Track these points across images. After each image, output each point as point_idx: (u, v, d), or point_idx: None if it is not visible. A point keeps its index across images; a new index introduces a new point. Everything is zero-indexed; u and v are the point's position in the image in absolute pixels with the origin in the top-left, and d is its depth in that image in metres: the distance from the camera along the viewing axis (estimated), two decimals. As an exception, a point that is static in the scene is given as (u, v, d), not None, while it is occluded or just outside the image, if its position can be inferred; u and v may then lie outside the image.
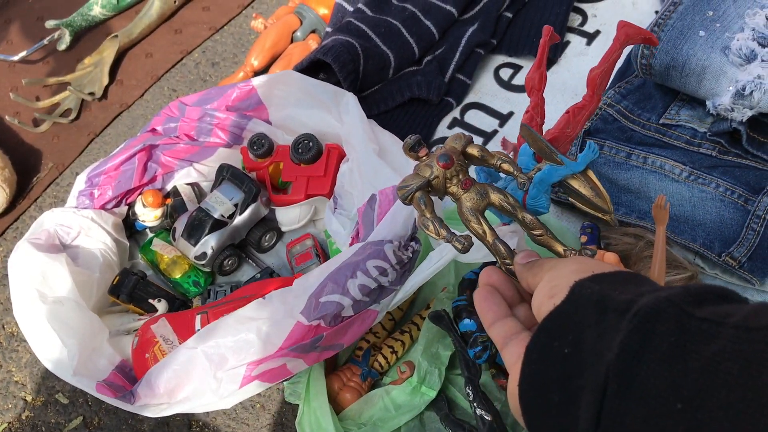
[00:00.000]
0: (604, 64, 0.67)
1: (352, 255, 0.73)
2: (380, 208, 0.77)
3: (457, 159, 0.59)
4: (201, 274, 0.90)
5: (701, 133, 0.82)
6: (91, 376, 0.73)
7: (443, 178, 0.58)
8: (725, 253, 0.74)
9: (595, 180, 0.59)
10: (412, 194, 0.58)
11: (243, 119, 0.93)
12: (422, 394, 0.75)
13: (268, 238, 0.92)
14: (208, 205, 0.87)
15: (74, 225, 0.87)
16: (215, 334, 0.69)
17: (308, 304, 0.69)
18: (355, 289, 0.71)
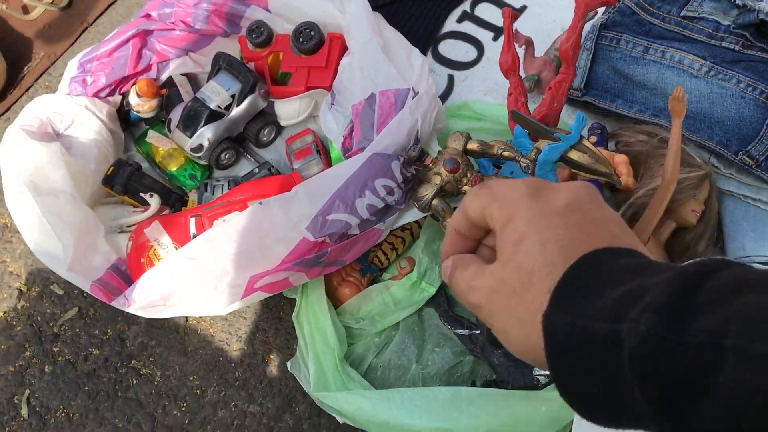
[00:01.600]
0: (572, 35, 0.72)
1: (359, 170, 0.69)
2: (381, 110, 0.74)
3: (462, 160, 0.67)
4: (197, 168, 0.87)
5: (725, 26, 0.77)
6: (86, 273, 0.71)
7: (454, 182, 0.66)
8: (742, 151, 0.71)
9: (591, 147, 0.63)
10: (429, 203, 0.67)
11: (241, 5, 0.88)
12: (422, 290, 0.74)
13: (267, 132, 0.89)
14: (204, 96, 0.84)
15: (67, 112, 0.83)
16: (216, 245, 0.66)
17: (314, 221, 0.67)
18: (363, 208, 0.69)
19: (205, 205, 0.77)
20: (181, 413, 0.78)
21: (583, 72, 0.81)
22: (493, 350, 0.65)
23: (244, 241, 0.68)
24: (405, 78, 0.76)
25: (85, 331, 0.82)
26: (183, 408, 0.78)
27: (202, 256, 0.68)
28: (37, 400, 0.79)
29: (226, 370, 0.79)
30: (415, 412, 0.58)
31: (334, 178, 0.69)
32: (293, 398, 0.78)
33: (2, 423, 0.78)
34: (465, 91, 0.90)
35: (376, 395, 0.60)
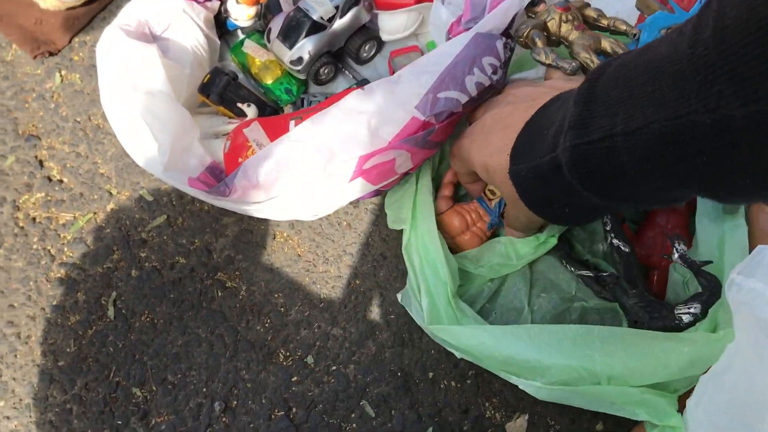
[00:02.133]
0: None
1: (466, 47, 0.66)
2: None
3: (574, 8, 0.68)
4: (294, 81, 0.84)
5: None
6: (182, 171, 0.70)
7: (559, 20, 0.67)
8: None
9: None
10: (528, 30, 0.68)
11: None
12: (546, 243, 0.69)
13: (368, 48, 0.84)
14: (308, 5, 0.80)
15: (165, 15, 0.80)
16: (323, 127, 0.64)
17: (425, 99, 0.64)
18: (471, 85, 0.67)
19: (306, 108, 0.74)
20: (264, 329, 0.77)
21: None
22: (627, 290, 0.61)
23: (352, 122, 0.64)
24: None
25: (173, 239, 0.81)
26: (266, 324, 0.77)
27: (310, 138, 0.64)
28: (123, 303, 0.79)
29: (311, 291, 0.78)
30: (544, 348, 0.54)
31: (442, 57, 0.66)
32: (377, 326, 0.76)
33: (90, 322, 0.78)
34: None
35: (499, 330, 0.57)
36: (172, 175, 0.68)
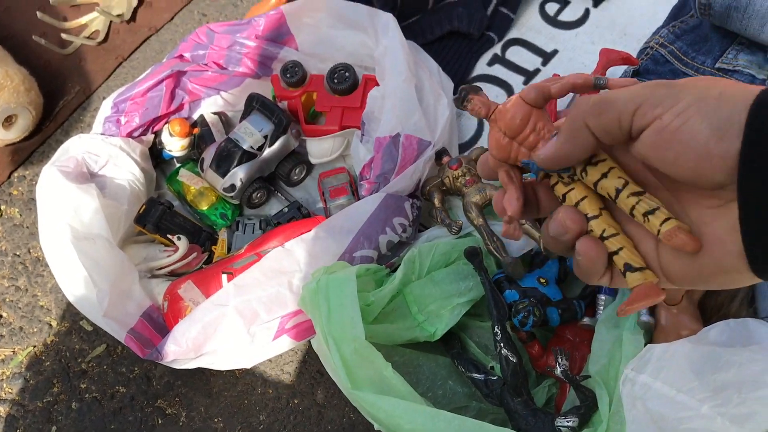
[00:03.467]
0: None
1: (378, 208, 0.74)
2: (404, 153, 0.78)
3: (467, 163, 0.77)
4: (228, 206, 0.88)
5: (759, 80, 0.77)
6: (120, 320, 0.72)
7: (452, 178, 0.77)
8: None
9: None
10: (429, 188, 0.78)
11: (274, 47, 0.89)
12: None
13: (298, 171, 0.89)
14: (238, 136, 0.85)
15: (102, 153, 0.84)
16: (245, 289, 0.68)
17: (342, 259, 0.71)
18: (384, 244, 0.74)
19: (235, 257, 0.77)
20: (206, 455, 0.78)
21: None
22: (512, 397, 0.65)
23: (273, 284, 0.70)
24: (430, 129, 0.79)
25: (113, 368, 0.83)
26: (207, 450, 0.78)
27: (233, 301, 0.69)
28: (63, 437, 0.79)
29: (250, 414, 0.79)
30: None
31: (356, 217, 0.73)
32: (317, 443, 0.78)
33: (29, 460, 0.78)
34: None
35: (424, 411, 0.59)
36: (110, 324, 0.71)
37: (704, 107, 0.30)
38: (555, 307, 0.69)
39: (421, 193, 0.81)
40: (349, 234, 0.73)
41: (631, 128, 0.32)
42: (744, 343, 0.63)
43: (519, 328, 0.68)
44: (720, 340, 0.64)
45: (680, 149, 0.30)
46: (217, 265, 0.78)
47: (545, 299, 0.70)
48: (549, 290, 0.71)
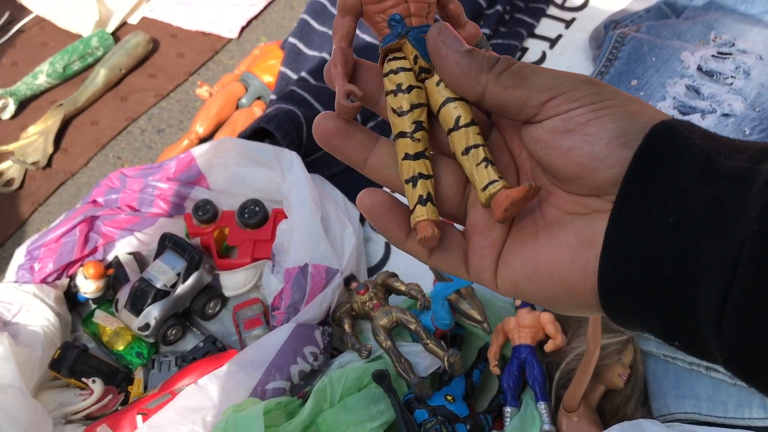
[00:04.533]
0: None
1: (288, 339, 0.77)
2: (312, 283, 0.81)
3: (374, 288, 0.82)
4: (144, 345, 0.89)
5: None
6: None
7: (360, 303, 0.81)
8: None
9: (473, 296, 0.78)
10: (339, 314, 0.82)
11: (186, 188, 0.93)
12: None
13: (213, 305, 0.92)
14: (151, 276, 0.87)
15: (15, 301, 0.85)
16: (159, 429, 0.70)
17: (255, 392, 0.73)
18: (296, 374, 0.77)
19: (150, 397, 0.78)
20: None
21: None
22: None
23: (187, 422, 0.71)
24: (337, 257, 0.84)
25: None
26: None
27: None
28: None
29: None
30: None
31: (267, 349, 0.76)
32: None
33: None
34: (401, 258, 0.95)
35: None
36: (22, 477, 0.70)
37: (621, 111, 0.30)
38: (462, 423, 0.73)
39: (332, 319, 0.84)
40: (261, 366, 0.75)
41: (536, 114, 0.31)
42: (639, 443, 0.68)
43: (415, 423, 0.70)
44: (618, 443, 0.68)
45: (580, 141, 0.30)
46: (132, 406, 0.79)
47: (453, 416, 0.73)
48: (456, 407, 0.74)
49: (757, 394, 0.73)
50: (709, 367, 0.75)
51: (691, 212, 0.27)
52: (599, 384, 0.75)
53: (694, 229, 0.27)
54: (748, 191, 0.26)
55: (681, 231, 0.27)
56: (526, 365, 0.76)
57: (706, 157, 0.28)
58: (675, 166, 0.28)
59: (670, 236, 0.27)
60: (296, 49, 1.13)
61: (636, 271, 0.28)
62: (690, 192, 0.27)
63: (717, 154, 0.28)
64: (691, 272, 0.27)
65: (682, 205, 0.27)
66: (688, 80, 0.83)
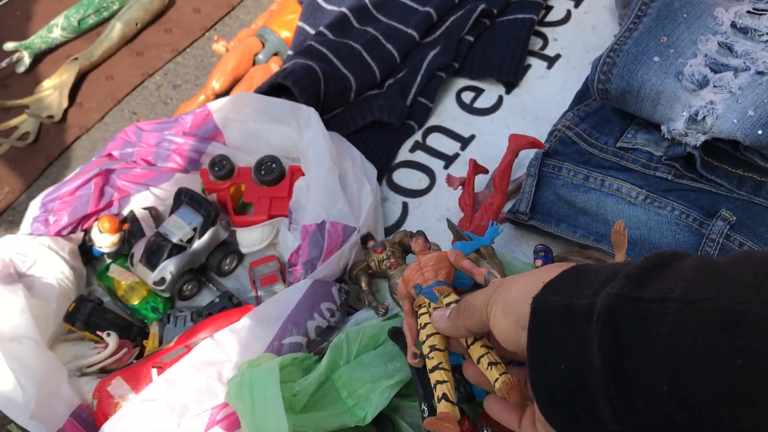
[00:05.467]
0: (501, 166, 0.86)
1: (305, 294, 0.76)
2: (330, 240, 0.80)
3: (391, 246, 0.82)
4: (159, 300, 0.88)
5: (657, 156, 0.83)
6: (48, 421, 0.71)
7: (378, 262, 0.81)
8: (681, 275, 0.74)
9: (494, 256, 0.77)
10: (355, 272, 0.82)
11: (202, 143, 0.92)
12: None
13: (229, 261, 0.91)
14: (167, 230, 0.86)
15: (30, 253, 0.85)
16: (174, 383, 0.68)
17: (271, 346, 0.72)
18: (312, 329, 0.76)
19: (165, 351, 0.77)
20: None
21: (529, 197, 0.85)
22: None
23: (203, 376, 0.70)
24: (354, 215, 0.82)
25: (42, 473, 0.80)
26: None
27: (162, 395, 0.69)
28: None
29: None
30: None
31: (283, 304, 0.75)
32: None
33: None
34: (419, 217, 0.94)
35: None
36: (37, 427, 0.69)
37: (506, 308, 0.44)
38: (479, 383, 0.71)
39: (348, 277, 0.83)
40: (278, 321, 0.74)
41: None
42: None
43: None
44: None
45: (504, 338, 0.45)
46: (146, 360, 0.78)
47: (470, 376, 0.71)
48: (474, 366, 0.73)
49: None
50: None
51: (570, 356, 0.38)
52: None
53: (577, 369, 0.38)
54: (590, 326, 0.37)
55: (569, 373, 0.38)
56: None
57: (566, 308, 0.39)
58: (552, 327, 0.40)
59: (565, 380, 0.39)
60: (315, 4, 1.10)
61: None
62: (567, 341, 0.38)
63: (573, 298, 0.39)
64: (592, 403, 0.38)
65: (565, 354, 0.38)
66: (721, 37, 0.80)
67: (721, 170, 0.79)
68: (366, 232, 0.84)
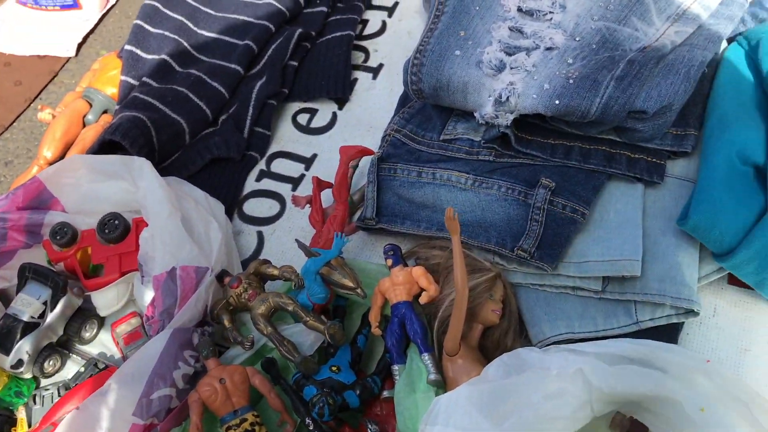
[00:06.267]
0: (337, 178, 0.89)
1: (167, 345, 0.76)
2: (183, 285, 0.80)
3: (246, 279, 0.82)
4: (22, 383, 0.85)
5: (477, 142, 0.88)
6: None
7: (236, 296, 0.81)
8: (516, 246, 0.79)
9: (343, 265, 0.79)
10: (216, 311, 0.81)
11: (39, 214, 0.90)
12: None
13: (89, 327, 0.89)
14: (15, 310, 0.83)
15: None
16: None
17: (140, 404, 0.71)
18: (180, 379, 0.76)
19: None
20: None
21: (372, 203, 0.88)
22: None
23: None
24: (205, 256, 0.83)
25: None
26: None
27: None
28: None
29: None
30: None
31: (146, 359, 0.75)
32: None
33: None
34: (275, 243, 0.95)
35: None
36: None
37: None
38: (351, 390, 0.73)
39: (211, 318, 0.83)
40: (143, 378, 0.73)
41: None
42: (519, 371, 0.70)
43: (319, 419, 0.71)
44: (498, 375, 0.70)
45: None
46: (14, 446, 0.76)
47: (340, 385, 0.73)
48: (343, 376, 0.75)
49: (620, 304, 0.77)
50: (575, 287, 0.78)
51: None
52: (476, 323, 0.77)
53: None
54: None
55: None
56: (406, 321, 0.77)
57: None
58: None
59: None
60: (134, 56, 1.10)
61: None
62: None
63: None
64: None
65: None
66: (511, 22, 0.86)
67: (534, 143, 0.85)
68: (221, 270, 0.85)
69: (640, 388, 0.65)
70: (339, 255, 0.79)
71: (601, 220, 0.80)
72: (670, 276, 0.75)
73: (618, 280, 0.77)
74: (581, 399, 0.65)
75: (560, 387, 0.65)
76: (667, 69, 0.78)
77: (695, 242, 0.77)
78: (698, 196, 0.74)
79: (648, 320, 0.75)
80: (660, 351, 0.66)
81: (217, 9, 1.18)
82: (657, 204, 0.81)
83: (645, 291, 0.75)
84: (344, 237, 0.79)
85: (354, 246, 0.93)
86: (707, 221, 0.72)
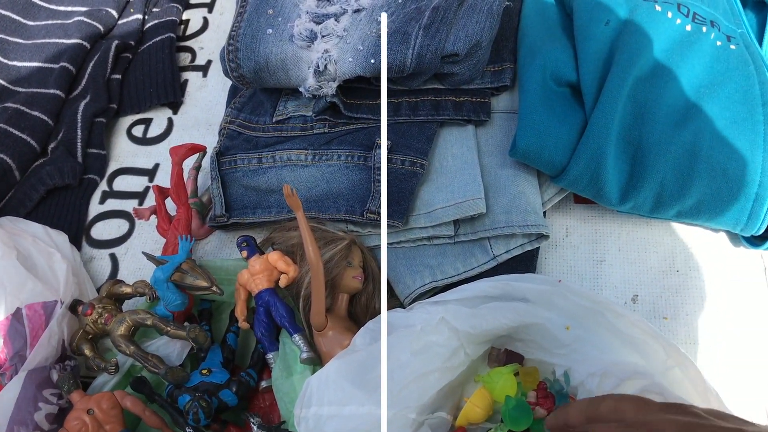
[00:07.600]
0: (173, 181, 0.86)
1: (23, 390, 0.72)
2: (31, 324, 0.76)
3: (99, 303, 0.78)
4: None
5: (309, 117, 0.87)
6: None
7: (92, 323, 0.77)
8: (365, 210, 0.79)
9: (194, 267, 0.77)
10: (75, 342, 0.77)
11: None
12: None
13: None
14: None
15: None
16: None
17: None
18: (43, 420, 0.72)
19: None
20: None
21: (220, 199, 0.86)
22: None
23: None
24: (52, 289, 0.79)
25: None
26: None
27: None
28: None
29: None
30: None
31: (2, 409, 0.70)
32: None
33: None
34: (130, 262, 0.92)
35: None
36: None
37: None
38: (226, 388, 0.72)
39: (71, 351, 0.79)
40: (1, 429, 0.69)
41: None
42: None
43: (196, 425, 0.69)
44: (365, 342, 0.70)
45: None
46: None
47: (214, 387, 0.71)
48: (215, 377, 0.73)
49: (476, 244, 0.79)
50: (431, 237, 0.79)
51: None
52: (340, 293, 0.77)
53: None
54: None
55: None
56: (271, 307, 0.76)
57: None
58: None
59: None
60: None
61: None
62: None
63: None
64: None
65: None
66: (316, -8, 0.86)
67: (364, 106, 0.85)
68: (72, 300, 0.81)
69: (504, 321, 0.66)
70: (188, 258, 0.77)
71: (441, 167, 0.81)
72: (515, 206, 0.77)
73: (468, 221, 0.78)
74: (451, 347, 0.66)
75: (427, 341, 0.66)
76: (471, 9, 0.80)
77: (532, 169, 0.80)
78: (521, 124, 0.75)
79: (504, 253, 0.77)
80: (516, 282, 0.68)
81: (27, 37, 1.12)
82: (490, 141, 0.83)
83: (494, 226, 0.77)
84: (189, 239, 0.77)
85: (213, 247, 0.90)
86: (534, 146, 0.74)
